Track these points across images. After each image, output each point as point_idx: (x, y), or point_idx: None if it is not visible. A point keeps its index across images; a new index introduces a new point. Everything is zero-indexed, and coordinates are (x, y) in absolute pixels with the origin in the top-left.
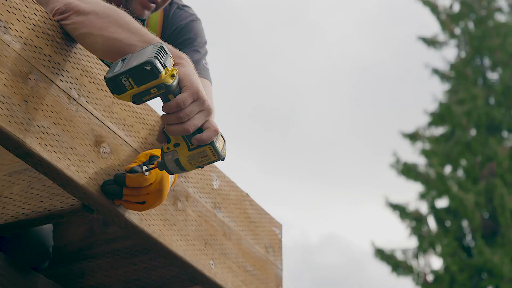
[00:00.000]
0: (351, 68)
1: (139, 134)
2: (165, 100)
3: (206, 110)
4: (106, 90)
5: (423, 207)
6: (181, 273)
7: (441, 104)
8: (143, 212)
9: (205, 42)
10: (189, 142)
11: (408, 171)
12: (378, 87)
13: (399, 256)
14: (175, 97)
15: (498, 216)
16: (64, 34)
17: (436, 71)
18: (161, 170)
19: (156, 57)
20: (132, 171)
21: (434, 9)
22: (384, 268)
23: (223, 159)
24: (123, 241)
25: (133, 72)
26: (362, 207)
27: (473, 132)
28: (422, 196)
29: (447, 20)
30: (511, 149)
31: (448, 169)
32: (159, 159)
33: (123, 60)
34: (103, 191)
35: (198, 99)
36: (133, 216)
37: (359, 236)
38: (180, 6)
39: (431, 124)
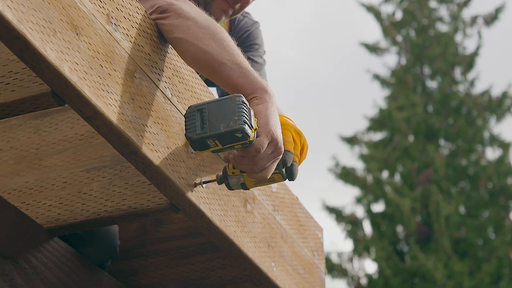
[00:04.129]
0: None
1: None
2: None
3: (277, 151)
4: (193, 91)
5: (359, 211)
6: (242, 274)
7: (381, 110)
8: (222, 213)
9: (265, 51)
10: None
11: (346, 175)
12: (319, 92)
13: (334, 259)
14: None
15: (432, 222)
16: (159, 33)
17: (377, 77)
18: (219, 184)
19: (245, 122)
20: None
21: (377, 15)
22: None
23: (287, 179)
24: (177, 241)
25: (221, 136)
26: None
27: (411, 138)
28: (359, 200)
29: (390, 27)
30: (448, 157)
31: (385, 174)
32: (220, 174)
33: (199, 111)
34: None
35: (272, 140)
36: (215, 217)
37: None
38: (244, 13)
39: (369, 129)
